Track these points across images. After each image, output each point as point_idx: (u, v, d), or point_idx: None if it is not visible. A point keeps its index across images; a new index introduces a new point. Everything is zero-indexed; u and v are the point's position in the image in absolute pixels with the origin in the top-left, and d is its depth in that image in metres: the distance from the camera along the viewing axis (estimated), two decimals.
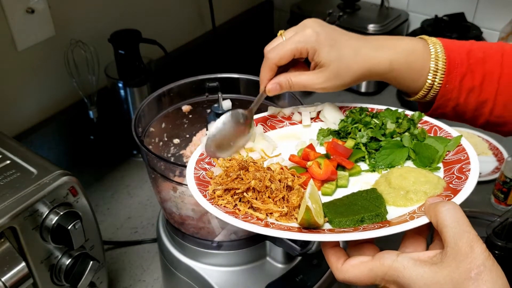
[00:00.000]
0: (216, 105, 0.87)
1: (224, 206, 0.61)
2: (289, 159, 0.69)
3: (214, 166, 0.68)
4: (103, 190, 1.22)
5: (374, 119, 0.75)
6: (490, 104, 0.71)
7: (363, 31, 1.47)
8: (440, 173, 0.66)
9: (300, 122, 0.78)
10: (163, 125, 0.94)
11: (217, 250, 0.84)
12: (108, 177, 1.26)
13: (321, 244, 0.58)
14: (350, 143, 0.72)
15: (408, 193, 0.62)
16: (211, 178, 0.66)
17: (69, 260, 0.75)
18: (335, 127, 0.76)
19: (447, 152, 0.69)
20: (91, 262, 0.77)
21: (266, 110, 0.80)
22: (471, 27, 1.46)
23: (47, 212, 0.70)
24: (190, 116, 0.97)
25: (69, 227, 0.70)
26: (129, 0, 1.29)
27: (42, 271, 0.73)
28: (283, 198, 0.61)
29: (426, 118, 0.75)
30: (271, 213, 0.61)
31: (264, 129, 0.77)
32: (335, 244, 0.57)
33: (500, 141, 1.32)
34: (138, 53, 1.21)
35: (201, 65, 1.53)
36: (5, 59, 1.06)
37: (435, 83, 0.70)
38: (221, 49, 1.54)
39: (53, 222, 0.70)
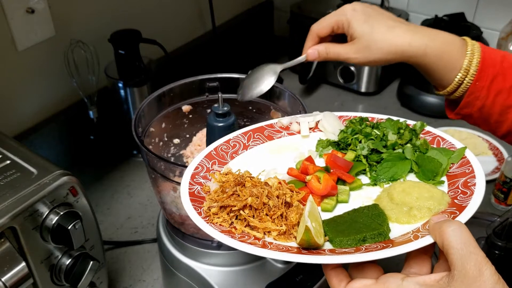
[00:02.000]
0: (216, 105, 0.87)
1: (220, 225, 0.59)
2: (288, 173, 0.67)
3: (210, 180, 0.66)
4: (103, 190, 1.22)
5: (375, 130, 0.73)
6: None
7: None
8: (444, 187, 0.64)
9: (299, 132, 0.77)
10: (163, 125, 0.94)
11: (217, 250, 0.84)
12: (108, 177, 1.26)
13: (322, 265, 0.55)
14: (350, 155, 0.70)
15: (411, 209, 0.59)
16: (207, 192, 0.64)
17: (69, 260, 0.75)
18: (335, 137, 0.75)
19: (451, 165, 0.66)
20: (91, 262, 0.77)
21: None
22: (471, 27, 1.46)
23: (47, 212, 0.70)
24: (190, 116, 0.97)
25: (69, 227, 0.70)
26: (129, 0, 1.29)
27: (42, 271, 0.73)
28: (281, 215, 0.59)
29: (428, 128, 0.74)
30: (269, 232, 0.58)
31: (261, 139, 0.76)
32: (337, 265, 0.55)
33: (500, 141, 1.32)
34: (138, 53, 1.21)
35: (201, 65, 1.53)
36: (5, 59, 1.06)
37: (466, 80, 0.70)
38: (221, 49, 1.54)
39: (53, 222, 0.70)
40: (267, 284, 0.83)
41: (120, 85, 1.21)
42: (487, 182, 1.20)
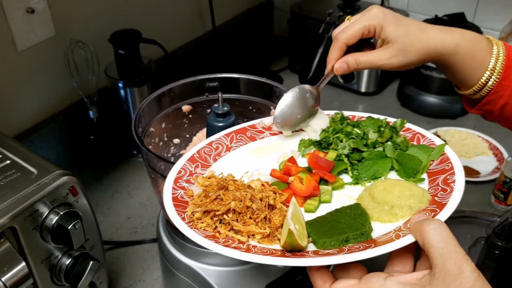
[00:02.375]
0: (216, 105, 0.87)
1: (204, 229, 0.58)
2: (270, 175, 0.67)
3: (193, 184, 0.66)
4: (103, 190, 1.22)
5: (355, 129, 0.74)
6: None
7: None
8: (425, 185, 0.65)
9: (281, 132, 0.77)
10: (163, 125, 0.94)
11: None
12: (108, 177, 1.26)
13: (306, 267, 0.56)
14: (332, 154, 0.71)
15: (393, 208, 0.60)
16: (190, 197, 0.64)
17: (69, 260, 0.75)
18: (317, 136, 0.75)
19: (431, 162, 0.67)
20: (91, 262, 0.77)
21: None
22: (471, 27, 1.46)
23: (47, 212, 0.70)
24: (190, 116, 0.97)
25: (69, 227, 0.70)
26: (129, 0, 1.29)
27: (42, 271, 0.73)
28: (265, 218, 0.59)
29: (408, 125, 0.74)
30: (253, 235, 0.58)
31: (244, 141, 0.76)
32: (321, 266, 0.55)
33: (500, 141, 1.32)
34: (138, 53, 1.21)
35: (201, 65, 1.53)
36: (5, 59, 1.06)
37: (491, 79, 0.70)
38: (221, 49, 1.54)
39: (53, 222, 0.70)
40: (267, 284, 0.83)
41: (120, 85, 1.21)
42: (487, 182, 1.21)
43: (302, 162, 0.72)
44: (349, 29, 0.71)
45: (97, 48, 1.16)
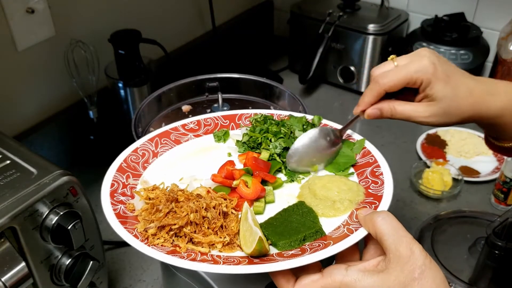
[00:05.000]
0: (216, 105, 0.87)
1: (162, 245, 0.57)
2: (212, 180, 0.68)
3: (131, 197, 0.64)
4: None
5: (282, 128, 0.75)
6: None
7: (363, 31, 1.47)
8: (354, 178, 0.69)
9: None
10: (163, 125, 0.94)
11: None
12: None
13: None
14: (265, 154, 0.73)
15: (334, 203, 0.64)
16: (132, 211, 0.62)
17: (69, 260, 0.75)
18: (239, 137, 0.76)
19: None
20: (91, 262, 0.77)
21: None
22: (471, 27, 1.46)
23: (47, 212, 0.70)
24: (190, 116, 0.97)
25: (69, 227, 0.70)
26: (129, 0, 1.29)
27: (42, 271, 0.72)
28: (221, 226, 0.59)
29: (324, 121, 0.77)
30: (212, 245, 0.58)
31: (169, 144, 0.75)
32: None
33: None
34: (138, 53, 1.21)
35: (201, 65, 1.53)
36: (5, 59, 1.06)
37: None
38: (221, 49, 1.54)
39: (53, 222, 0.70)
40: (267, 284, 0.83)
41: (120, 85, 1.21)
42: (487, 182, 1.21)
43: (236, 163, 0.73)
44: (393, 76, 0.65)
45: (97, 48, 1.16)
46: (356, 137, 0.74)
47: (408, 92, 0.67)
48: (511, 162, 1.09)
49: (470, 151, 1.30)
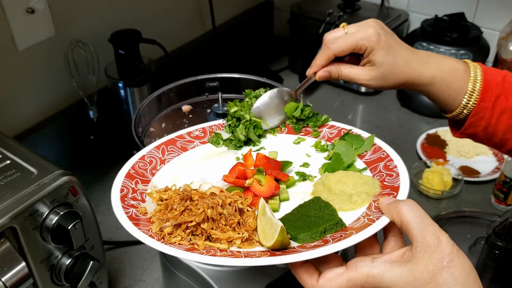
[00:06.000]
0: (216, 105, 0.87)
1: (179, 244, 0.57)
2: (224, 180, 0.68)
3: (142, 202, 0.65)
4: (103, 190, 1.22)
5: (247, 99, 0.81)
6: None
7: None
8: (368, 173, 0.70)
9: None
10: (163, 125, 0.94)
11: None
12: (108, 177, 1.26)
13: (289, 264, 0.56)
14: (274, 154, 0.75)
15: (351, 196, 0.64)
16: (144, 214, 0.62)
17: (69, 260, 0.75)
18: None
19: (365, 153, 0.73)
20: (91, 262, 0.77)
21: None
22: (471, 27, 1.46)
23: (47, 212, 0.70)
24: (190, 116, 0.97)
25: (69, 227, 0.70)
26: (129, 0, 1.29)
27: (42, 271, 0.73)
28: (238, 222, 0.59)
29: (333, 122, 0.81)
30: (230, 241, 0.58)
31: (176, 152, 0.76)
32: (304, 261, 0.56)
33: None
34: (138, 53, 1.21)
35: (201, 65, 1.53)
36: (5, 59, 1.06)
37: (470, 103, 0.73)
38: (221, 49, 1.54)
39: (53, 222, 0.70)
40: (267, 284, 0.83)
41: (120, 85, 1.21)
42: (487, 182, 1.21)
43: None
44: (342, 42, 0.72)
45: (97, 48, 1.16)
46: (365, 134, 0.76)
47: (354, 57, 0.75)
48: (511, 162, 1.09)
49: (470, 151, 1.30)
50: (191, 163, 0.75)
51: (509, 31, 1.36)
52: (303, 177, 0.71)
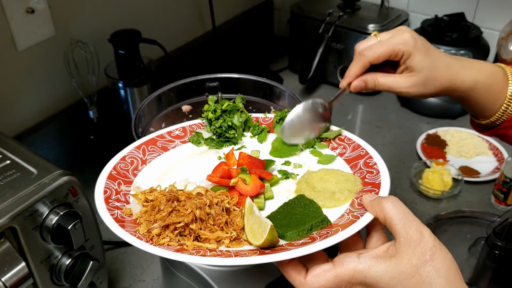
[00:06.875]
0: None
1: (168, 245, 0.57)
2: (208, 179, 0.68)
3: (126, 203, 0.64)
4: None
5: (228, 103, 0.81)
6: None
7: (363, 31, 1.47)
8: (348, 170, 0.71)
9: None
10: (163, 125, 0.94)
11: None
12: None
13: (277, 262, 0.56)
14: (256, 153, 0.75)
15: (334, 193, 0.65)
16: (130, 216, 0.62)
17: (69, 260, 0.75)
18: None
19: (344, 151, 0.74)
20: (91, 262, 0.77)
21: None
22: (471, 27, 1.46)
23: (47, 212, 0.70)
24: (190, 116, 0.97)
25: (69, 227, 0.70)
26: (129, 0, 1.29)
27: (42, 271, 0.73)
28: (226, 222, 0.60)
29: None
30: (219, 241, 0.58)
31: (156, 151, 0.76)
32: (291, 259, 0.56)
33: (500, 141, 1.32)
34: (138, 53, 1.21)
35: (201, 65, 1.53)
36: (5, 59, 1.06)
37: (509, 108, 0.71)
38: (221, 49, 1.54)
39: (53, 222, 0.70)
40: (267, 284, 0.83)
41: (120, 85, 1.21)
42: (487, 182, 1.21)
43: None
44: (377, 48, 0.69)
45: (97, 48, 1.16)
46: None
47: (388, 66, 0.71)
48: (511, 162, 1.09)
49: (470, 151, 1.30)
50: (173, 163, 0.75)
51: (509, 31, 1.36)
52: (286, 175, 0.72)
